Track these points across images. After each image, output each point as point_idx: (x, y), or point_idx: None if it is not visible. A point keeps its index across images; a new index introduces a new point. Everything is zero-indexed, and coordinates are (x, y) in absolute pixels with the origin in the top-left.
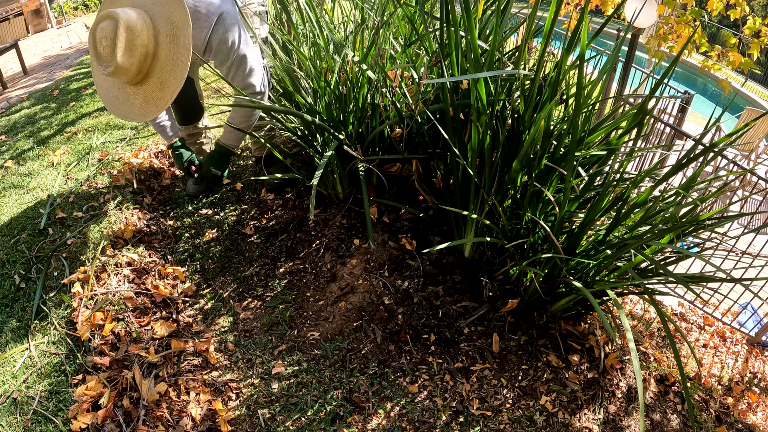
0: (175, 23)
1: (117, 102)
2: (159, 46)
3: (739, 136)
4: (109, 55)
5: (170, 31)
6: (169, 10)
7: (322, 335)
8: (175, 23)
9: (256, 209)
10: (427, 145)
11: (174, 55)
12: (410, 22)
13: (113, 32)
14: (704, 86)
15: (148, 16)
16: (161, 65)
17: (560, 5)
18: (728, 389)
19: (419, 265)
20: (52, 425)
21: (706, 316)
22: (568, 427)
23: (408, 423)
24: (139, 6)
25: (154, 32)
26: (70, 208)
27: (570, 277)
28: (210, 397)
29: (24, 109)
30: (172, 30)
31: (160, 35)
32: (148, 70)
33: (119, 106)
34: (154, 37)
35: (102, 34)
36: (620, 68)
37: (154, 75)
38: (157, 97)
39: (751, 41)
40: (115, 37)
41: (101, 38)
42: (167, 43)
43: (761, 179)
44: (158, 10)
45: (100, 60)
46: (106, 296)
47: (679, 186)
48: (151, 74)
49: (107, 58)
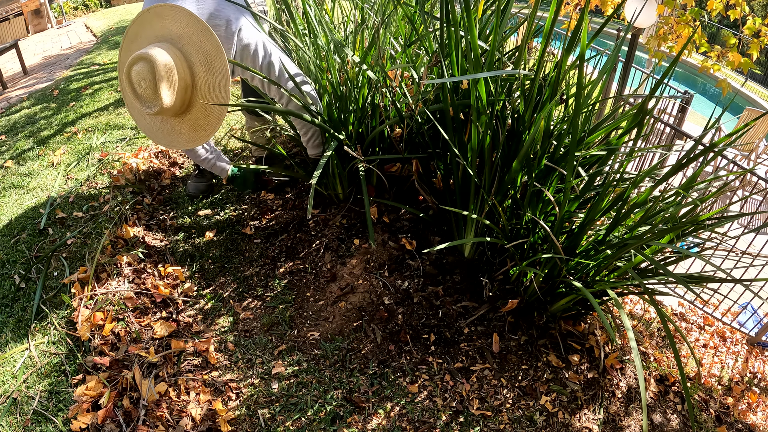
0: (207, 51)
1: (162, 134)
2: (195, 75)
3: (739, 136)
4: (151, 95)
5: (204, 60)
6: (199, 39)
7: (322, 335)
8: (207, 51)
9: (256, 209)
10: (427, 145)
11: (213, 82)
12: (410, 21)
13: (151, 72)
14: (704, 86)
15: (176, 48)
16: (201, 93)
17: (560, 5)
18: (728, 389)
19: (419, 265)
20: (52, 425)
21: (706, 316)
22: (568, 427)
23: (408, 423)
24: (165, 41)
25: (188, 63)
26: (70, 208)
27: (570, 277)
28: (210, 397)
29: (24, 109)
30: (206, 58)
31: (194, 65)
32: (190, 100)
33: (166, 137)
34: (189, 68)
35: (139, 76)
36: (620, 68)
37: (197, 104)
38: (204, 123)
39: (750, 41)
40: (154, 77)
41: (139, 80)
42: (203, 72)
43: (761, 179)
44: (186, 41)
45: (142, 101)
46: (106, 296)
47: (679, 186)
48: (194, 103)
49: (150, 99)
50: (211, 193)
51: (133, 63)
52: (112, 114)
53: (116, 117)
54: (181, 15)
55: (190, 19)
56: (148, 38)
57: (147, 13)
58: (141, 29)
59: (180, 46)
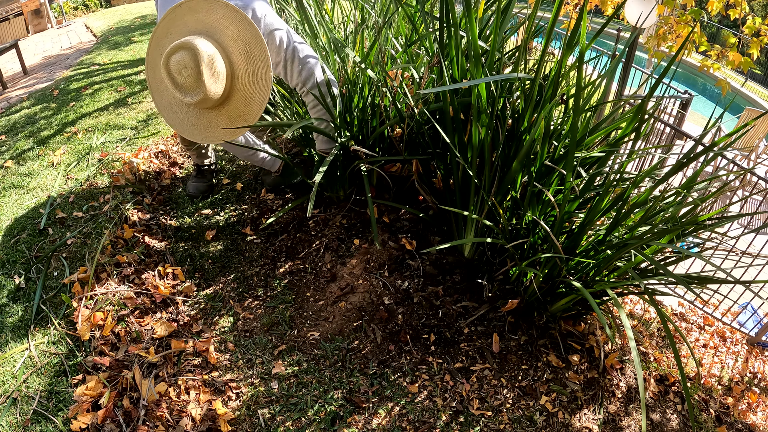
0: (246, 40)
1: (198, 129)
2: (234, 65)
3: (739, 136)
4: (193, 84)
5: (243, 49)
6: (237, 29)
7: (322, 335)
8: (246, 40)
9: (256, 209)
10: (427, 145)
11: (254, 70)
12: (411, 21)
13: (193, 60)
14: (704, 86)
15: (214, 39)
16: (242, 83)
17: (560, 5)
18: (728, 389)
19: (419, 265)
20: (52, 425)
21: (706, 316)
22: (568, 427)
23: (408, 423)
24: (200, 33)
25: (226, 53)
26: (70, 208)
27: (570, 277)
28: (210, 397)
29: (24, 109)
30: (245, 47)
31: (233, 55)
32: (229, 90)
33: (202, 132)
34: (227, 58)
35: (180, 65)
36: (620, 68)
37: (236, 93)
38: (244, 113)
39: (750, 41)
40: (197, 64)
41: (180, 69)
42: (243, 61)
43: (761, 179)
44: (223, 32)
45: (182, 90)
46: (106, 296)
47: (679, 186)
48: (233, 94)
49: (192, 87)
50: (211, 193)
51: (173, 53)
52: (112, 114)
53: (116, 117)
54: (217, 6)
55: (227, 10)
56: (181, 33)
57: (179, 8)
58: (172, 25)
59: (217, 37)
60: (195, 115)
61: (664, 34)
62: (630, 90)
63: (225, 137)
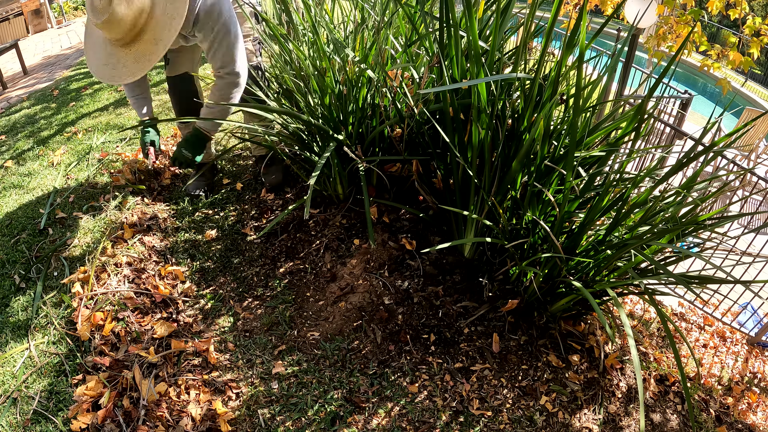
0: None
1: (107, 68)
2: (155, 4)
3: (739, 136)
4: (105, 5)
5: None
6: None
7: (322, 335)
8: None
9: (256, 209)
10: (427, 145)
11: (170, 10)
12: (411, 21)
13: None
14: (704, 86)
15: None
16: (155, 21)
17: (560, 5)
18: (728, 389)
19: (419, 265)
20: (52, 425)
21: (706, 316)
22: (568, 427)
23: (408, 423)
24: None
25: None
26: (70, 208)
27: (570, 277)
28: (210, 397)
29: (24, 109)
30: None
31: None
32: (143, 27)
33: (109, 72)
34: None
35: None
36: (620, 68)
37: (148, 32)
38: (150, 52)
39: (751, 40)
40: None
41: None
42: (163, 2)
43: (761, 179)
44: None
45: (95, 12)
46: (106, 296)
47: (679, 186)
48: (145, 31)
49: (103, 9)
50: (211, 192)
51: None
52: (112, 114)
53: (116, 117)
54: None
55: None
56: None
57: None
58: None
59: None
60: (108, 54)
61: (664, 34)
62: (630, 90)
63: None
